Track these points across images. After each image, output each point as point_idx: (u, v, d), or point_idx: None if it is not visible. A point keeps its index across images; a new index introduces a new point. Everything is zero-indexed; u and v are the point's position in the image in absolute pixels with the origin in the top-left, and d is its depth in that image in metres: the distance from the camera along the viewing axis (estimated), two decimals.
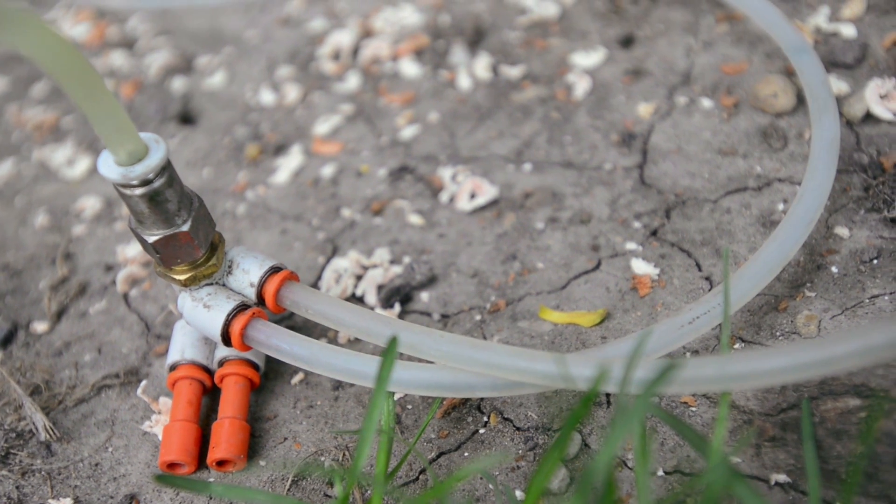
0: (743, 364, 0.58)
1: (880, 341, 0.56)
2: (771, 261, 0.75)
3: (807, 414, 0.68)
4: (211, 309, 0.75)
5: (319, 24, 1.25)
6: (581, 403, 0.54)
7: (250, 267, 0.77)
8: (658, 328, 0.71)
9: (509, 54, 1.13)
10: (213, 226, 0.75)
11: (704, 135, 0.96)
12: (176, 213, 0.70)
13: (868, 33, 1.01)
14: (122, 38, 1.35)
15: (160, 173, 0.68)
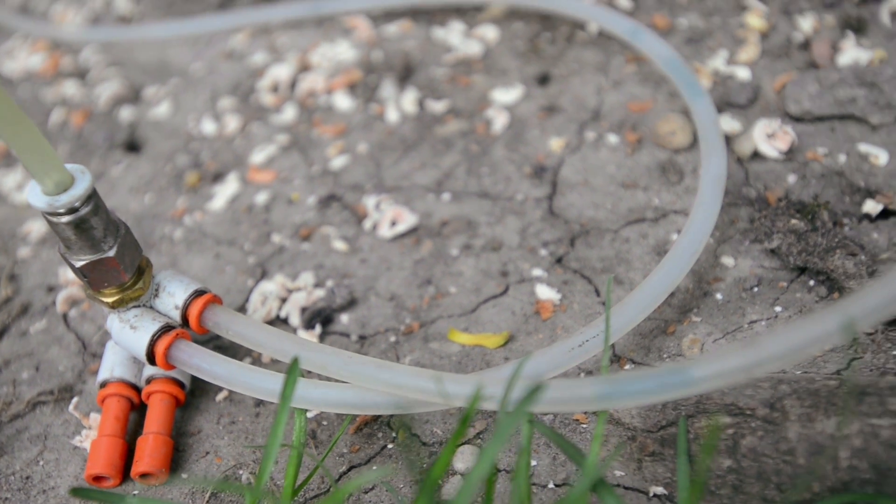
0: (602, 386, 0.61)
1: (734, 365, 0.59)
2: (657, 288, 0.78)
3: (683, 431, 0.70)
4: (137, 330, 0.76)
5: (261, 59, 1.27)
6: (461, 421, 0.56)
7: (175, 290, 0.78)
8: (548, 351, 0.73)
9: (435, 90, 1.15)
10: (139, 251, 0.77)
11: (609, 169, 0.99)
12: (102, 240, 0.71)
13: (761, 76, 1.04)
14: (76, 69, 1.35)
15: (86, 202, 0.69)
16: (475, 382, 0.63)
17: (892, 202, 0.87)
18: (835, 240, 0.83)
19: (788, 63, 1.05)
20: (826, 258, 0.82)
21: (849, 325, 0.54)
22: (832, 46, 1.04)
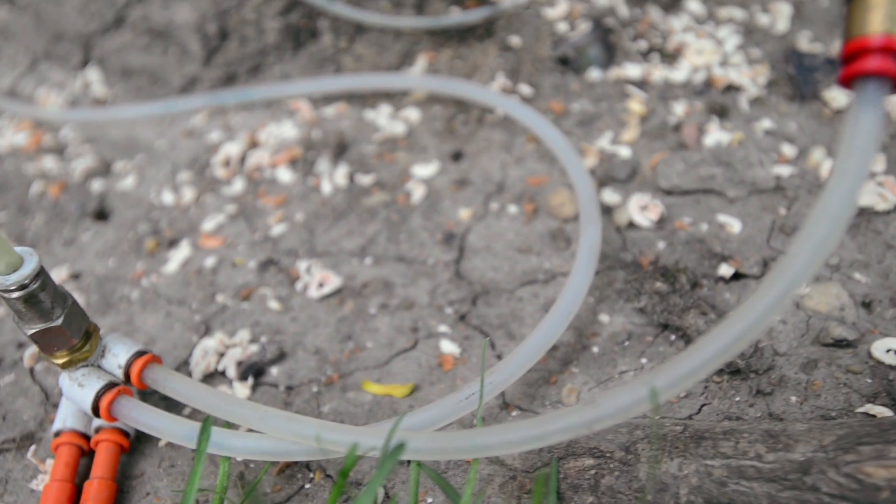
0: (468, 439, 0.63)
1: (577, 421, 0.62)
2: (538, 343, 0.81)
3: (554, 471, 0.73)
4: (84, 388, 0.77)
5: (216, 136, 1.29)
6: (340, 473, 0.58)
7: (119, 352, 0.80)
8: (440, 403, 0.76)
9: (364, 165, 1.18)
10: (85, 318, 0.78)
11: (509, 235, 1.02)
12: (50, 311, 0.73)
13: (640, 154, 1.08)
14: (55, 145, 1.37)
15: (34, 279, 0.71)
16: (353, 437, 0.65)
17: (742, 266, 0.90)
18: (690, 301, 0.86)
19: (663, 143, 1.09)
20: (683, 317, 0.85)
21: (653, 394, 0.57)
22: (699, 129, 1.08)
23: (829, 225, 0.54)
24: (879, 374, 0.76)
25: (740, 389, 0.79)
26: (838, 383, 0.76)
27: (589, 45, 1.16)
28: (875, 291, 0.84)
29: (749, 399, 0.78)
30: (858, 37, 0.55)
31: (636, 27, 1.19)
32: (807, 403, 0.76)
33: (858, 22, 0.56)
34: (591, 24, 1.17)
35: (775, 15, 1.22)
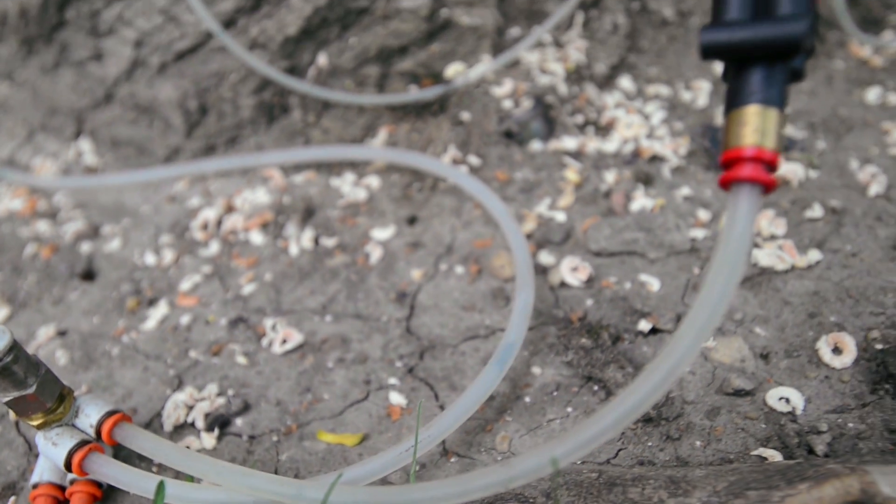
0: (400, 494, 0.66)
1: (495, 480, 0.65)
2: (475, 396, 0.84)
3: None
4: (58, 446, 0.80)
5: (196, 202, 1.33)
6: None
7: (91, 412, 0.83)
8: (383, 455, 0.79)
9: (329, 228, 1.22)
10: (59, 384, 0.81)
11: (455, 294, 1.06)
12: (24, 380, 0.75)
13: (574, 219, 1.13)
14: (49, 210, 1.40)
15: (7, 353, 0.74)
16: (298, 490, 0.68)
17: (658, 322, 0.94)
18: (611, 355, 0.90)
19: (595, 208, 1.14)
20: (604, 370, 0.89)
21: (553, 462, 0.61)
22: (627, 196, 1.13)
23: (706, 314, 0.58)
24: (772, 419, 0.80)
25: (653, 435, 0.82)
26: (737, 429, 0.80)
27: (531, 120, 1.21)
28: (772, 344, 0.89)
29: (660, 444, 0.81)
30: (734, 147, 0.60)
31: (574, 103, 1.25)
32: (709, 447, 0.79)
33: (734, 134, 0.61)
34: (534, 101, 1.22)
35: (696, 92, 1.28)
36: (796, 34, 0.58)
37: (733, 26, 0.61)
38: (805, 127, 1.21)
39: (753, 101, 0.59)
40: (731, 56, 0.61)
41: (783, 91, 0.60)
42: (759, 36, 0.59)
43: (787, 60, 0.60)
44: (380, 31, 1.26)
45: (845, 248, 1.00)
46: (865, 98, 1.25)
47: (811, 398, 0.81)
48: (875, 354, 0.83)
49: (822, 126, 1.21)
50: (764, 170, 0.59)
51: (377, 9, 1.28)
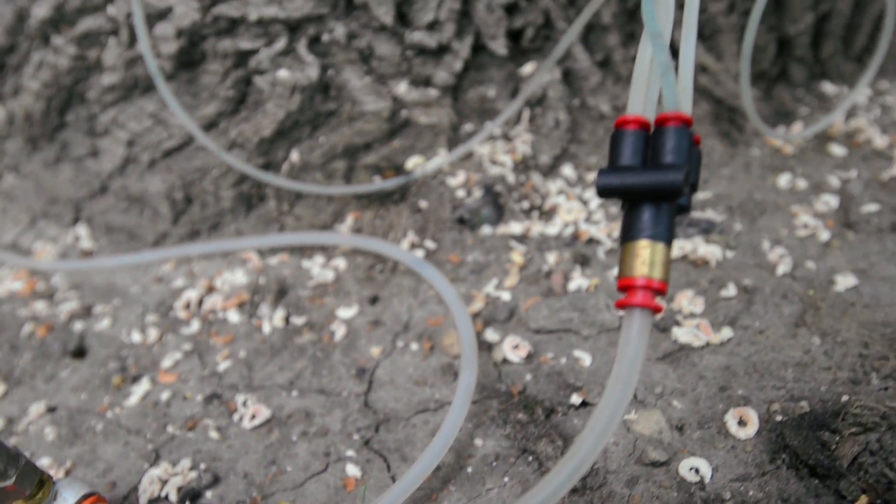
0: None
1: None
2: (423, 467, 0.87)
3: None
4: None
5: (181, 282, 1.38)
6: None
7: (69, 496, 0.85)
8: None
9: (299, 307, 1.26)
10: (37, 472, 0.83)
11: (409, 370, 1.10)
12: (4, 472, 0.78)
13: (518, 298, 1.18)
14: (47, 290, 1.44)
15: None
16: None
17: (588, 396, 0.99)
18: (543, 430, 0.94)
19: (537, 288, 1.19)
20: (537, 444, 0.93)
21: None
22: (565, 276, 1.19)
23: (602, 425, 0.63)
24: (683, 488, 0.84)
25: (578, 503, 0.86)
26: (653, 497, 0.84)
27: (482, 207, 1.27)
28: (687, 416, 0.93)
29: None
30: (627, 277, 0.66)
31: (521, 191, 1.31)
32: None
33: (627, 265, 0.67)
34: (484, 190, 1.28)
35: None
36: (675, 183, 0.64)
37: (625, 172, 0.67)
38: (724, 210, 1.28)
39: (643, 236, 0.65)
40: (624, 196, 0.67)
41: (670, 226, 0.66)
42: (644, 182, 0.66)
43: (671, 201, 0.66)
44: (346, 131, 1.33)
45: (754, 324, 1.05)
46: (778, 183, 1.32)
47: (718, 467, 0.85)
48: (775, 426, 0.88)
49: (738, 209, 1.28)
50: (652, 297, 0.65)
51: (344, 111, 1.35)
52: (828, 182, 1.32)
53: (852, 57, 1.51)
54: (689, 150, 0.68)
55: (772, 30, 1.40)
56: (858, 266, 1.16)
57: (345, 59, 1.35)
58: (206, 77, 1.38)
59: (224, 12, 1.34)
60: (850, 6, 1.43)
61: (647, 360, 1.03)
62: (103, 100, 1.44)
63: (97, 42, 1.44)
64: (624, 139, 0.70)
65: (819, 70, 1.50)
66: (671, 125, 0.69)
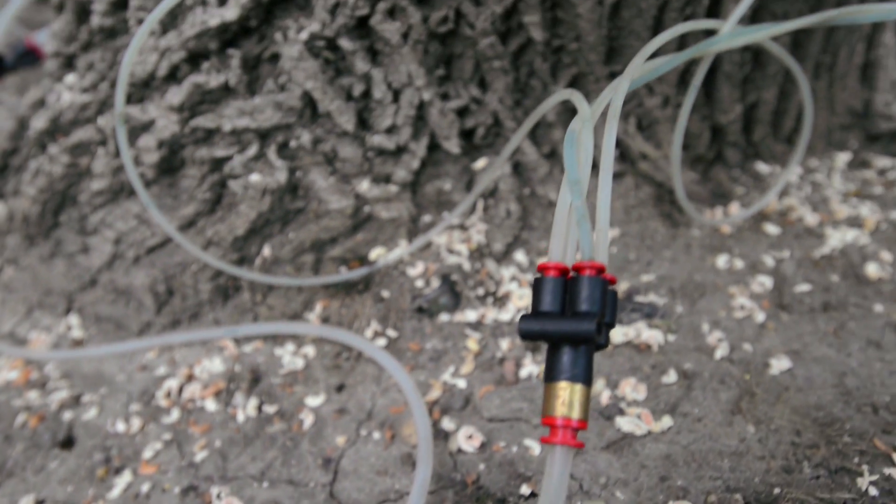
0: None
1: None
2: None
3: None
4: None
5: (163, 370, 1.37)
6: None
7: None
8: None
9: (271, 395, 1.26)
10: None
11: (372, 459, 1.09)
12: None
13: (473, 385, 1.18)
14: (40, 379, 1.44)
15: None
16: None
17: (536, 488, 0.98)
18: None
19: (491, 375, 1.19)
20: None
21: None
22: (517, 363, 1.19)
23: None
24: None
25: None
26: None
27: (440, 296, 1.28)
28: None
29: None
30: (549, 416, 0.67)
31: (476, 278, 1.32)
32: None
33: (549, 404, 0.68)
34: (441, 279, 1.29)
35: None
36: (588, 332, 0.65)
37: (544, 318, 0.69)
38: (667, 293, 1.29)
39: (563, 378, 0.67)
40: (544, 340, 0.68)
41: (588, 368, 0.67)
42: (561, 329, 0.67)
43: (588, 345, 0.67)
44: (313, 227, 1.35)
45: (693, 411, 1.05)
46: (716, 264, 1.33)
47: None
48: None
49: (680, 291, 1.29)
50: (572, 435, 0.66)
51: (311, 209, 1.36)
52: (763, 262, 1.33)
53: (782, 139, 1.54)
54: (603, 297, 0.69)
55: (705, 118, 1.43)
56: (792, 347, 1.16)
57: (311, 161, 1.37)
58: (185, 181, 1.40)
59: (201, 124, 1.37)
60: (776, 95, 1.46)
61: (594, 448, 1.02)
62: (93, 202, 1.46)
63: (88, 151, 1.46)
64: (544, 286, 0.71)
65: (752, 151, 1.52)
66: (586, 274, 0.70)
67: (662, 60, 1.08)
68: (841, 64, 1.54)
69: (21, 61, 2.26)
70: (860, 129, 1.60)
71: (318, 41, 1.35)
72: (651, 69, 1.07)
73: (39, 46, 2.26)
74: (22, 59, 2.25)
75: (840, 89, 1.57)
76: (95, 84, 1.54)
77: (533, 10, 1.31)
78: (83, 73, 1.58)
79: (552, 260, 0.74)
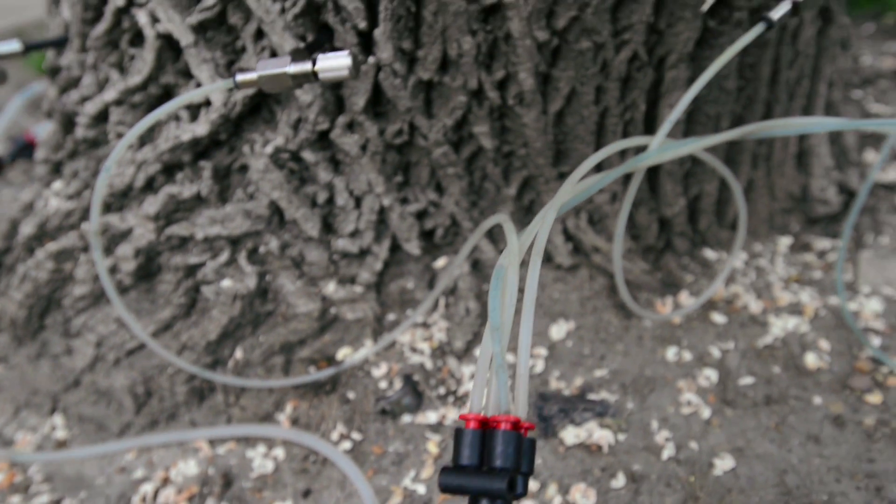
0: None
1: None
2: None
3: None
4: None
5: (140, 473, 1.32)
6: None
7: None
8: None
9: (242, 500, 1.21)
10: None
11: None
12: None
13: (433, 490, 1.13)
14: (23, 482, 1.39)
15: None
16: None
17: None
18: None
19: None
20: None
21: None
22: None
23: None
24: None
25: None
26: None
27: (402, 397, 1.24)
28: None
29: None
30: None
31: (438, 376, 1.29)
32: None
33: None
34: (404, 380, 1.26)
35: (535, 359, 1.33)
36: (500, 491, 0.62)
37: (462, 472, 0.65)
38: (618, 388, 1.25)
39: None
40: (463, 494, 0.65)
41: None
42: (476, 485, 0.63)
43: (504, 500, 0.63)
44: (282, 330, 1.31)
45: None
46: (666, 356, 1.30)
47: None
48: None
49: (631, 386, 1.25)
50: None
51: (279, 313, 1.33)
52: (710, 353, 1.30)
53: (726, 225, 1.52)
54: (518, 451, 0.66)
55: (652, 211, 1.41)
56: (736, 444, 1.12)
57: (280, 266, 1.34)
58: (162, 286, 1.38)
59: (176, 232, 1.35)
60: (717, 187, 1.45)
61: None
62: (76, 306, 1.43)
63: (71, 257, 1.44)
64: (463, 438, 0.68)
65: (699, 239, 1.50)
66: (501, 428, 0.66)
67: (594, 180, 1.07)
68: (777, 153, 1.53)
69: (21, 154, 2.24)
70: (800, 212, 1.58)
71: (283, 154, 1.33)
72: (583, 189, 1.05)
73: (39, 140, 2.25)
74: (21, 152, 2.24)
75: (778, 176, 1.55)
76: (79, 191, 1.52)
77: (482, 121, 1.29)
78: (68, 181, 1.56)
79: (472, 410, 0.70)
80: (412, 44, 1.23)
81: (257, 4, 1.23)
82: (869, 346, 1.25)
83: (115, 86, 1.42)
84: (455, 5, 1.18)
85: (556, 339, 1.33)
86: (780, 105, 1.51)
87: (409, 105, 1.27)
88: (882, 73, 2.10)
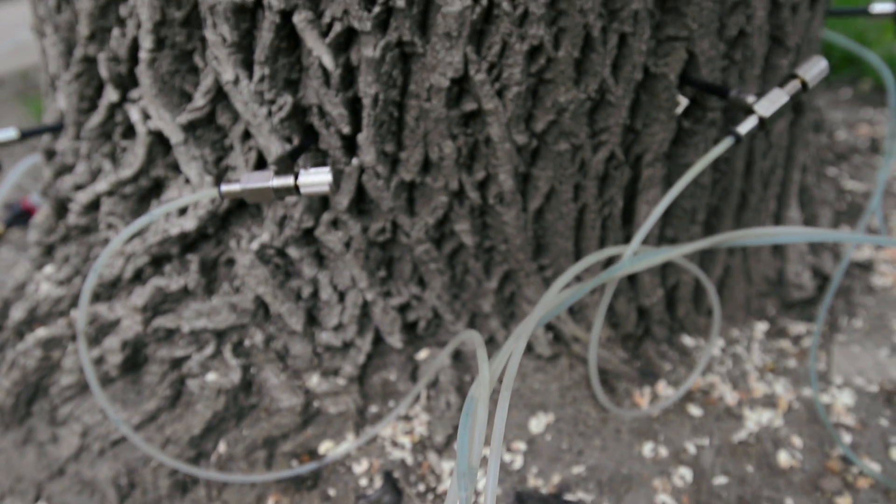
0: None
1: None
2: None
3: None
4: None
5: None
6: None
7: None
8: None
9: None
10: None
11: None
12: None
13: None
14: None
15: None
16: None
17: None
18: None
19: None
20: None
21: None
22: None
23: None
24: None
25: None
26: None
27: (382, 496, 1.24)
28: None
29: None
30: None
31: (418, 472, 1.29)
32: None
33: None
34: (384, 477, 1.26)
35: (514, 454, 1.33)
36: None
37: None
38: (595, 487, 1.25)
39: None
40: None
41: None
42: None
43: None
44: (265, 425, 1.32)
45: None
46: (643, 452, 1.30)
47: None
48: None
49: (607, 485, 1.25)
50: None
51: (263, 407, 1.34)
52: (686, 449, 1.30)
53: (704, 312, 1.54)
54: None
55: (631, 300, 1.43)
56: None
57: (264, 359, 1.35)
58: (147, 377, 1.38)
59: (162, 324, 1.36)
60: (693, 278, 1.46)
61: None
62: (63, 395, 1.43)
63: (59, 345, 1.45)
64: None
65: (678, 326, 1.51)
66: None
67: (570, 292, 1.08)
68: None
69: (16, 221, 2.26)
70: (776, 296, 1.60)
71: (269, 250, 1.35)
72: (560, 302, 1.07)
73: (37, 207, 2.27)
74: (17, 219, 2.26)
75: (755, 261, 1.58)
76: (70, 278, 1.54)
77: (463, 219, 1.32)
78: (60, 266, 1.58)
79: None
80: (395, 146, 1.26)
81: (245, 108, 1.26)
82: (840, 445, 1.26)
83: (107, 177, 1.45)
84: (436, 111, 1.21)
85: (536, 433, 1.33)
86: (754, 194, 1.54)
87: (391, 205, 1.29)
88: (856, 148, 2.14)
